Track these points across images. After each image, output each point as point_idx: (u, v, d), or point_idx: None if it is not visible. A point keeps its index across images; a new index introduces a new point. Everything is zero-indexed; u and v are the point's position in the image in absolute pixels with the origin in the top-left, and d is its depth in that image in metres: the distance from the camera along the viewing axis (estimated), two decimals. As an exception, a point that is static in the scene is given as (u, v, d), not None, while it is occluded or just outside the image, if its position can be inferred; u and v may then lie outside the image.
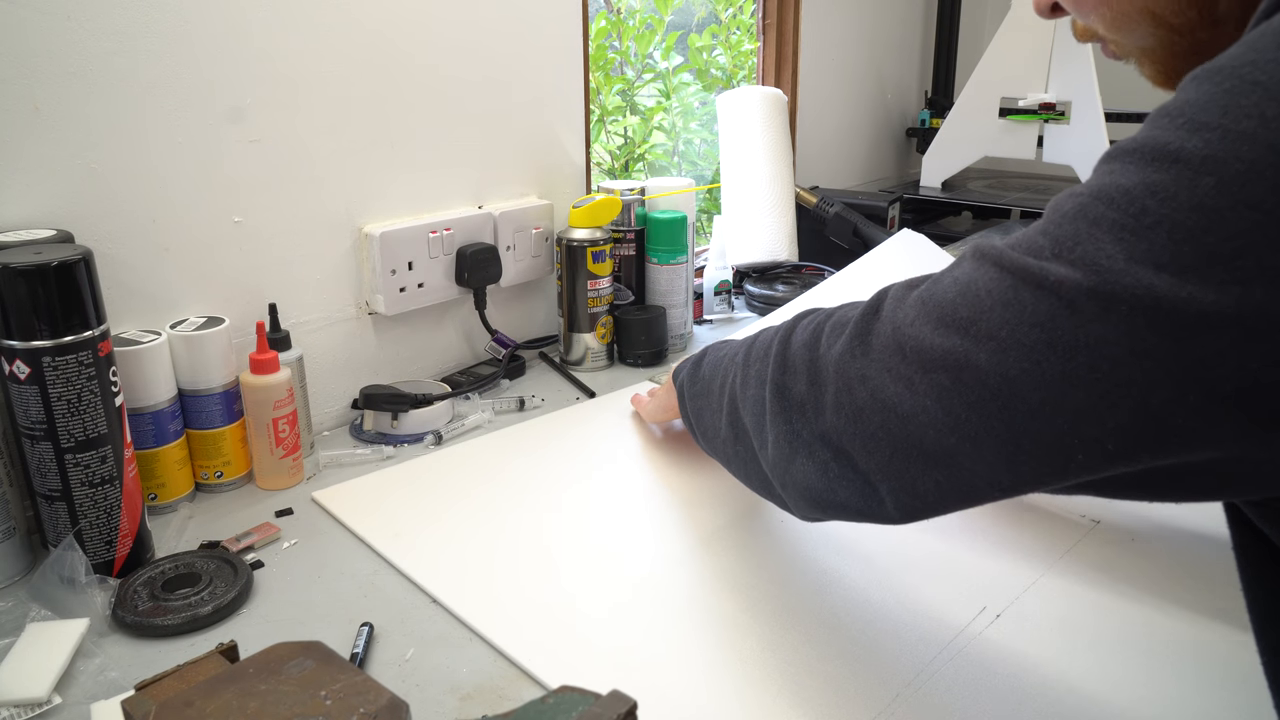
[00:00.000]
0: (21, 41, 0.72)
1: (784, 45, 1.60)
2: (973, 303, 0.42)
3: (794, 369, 0.55)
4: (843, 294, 1.17)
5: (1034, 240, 0.40)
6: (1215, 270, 0.33)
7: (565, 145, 1.19)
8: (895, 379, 0.46)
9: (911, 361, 0.45)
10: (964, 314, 0.42)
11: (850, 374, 0.49)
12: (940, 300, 0.44)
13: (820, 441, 0.51)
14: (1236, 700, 0.57)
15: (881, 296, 0.50)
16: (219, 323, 0.83)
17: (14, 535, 0.70)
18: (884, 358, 0.47)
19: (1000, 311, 0.40)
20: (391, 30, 0.96)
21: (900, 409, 0.45)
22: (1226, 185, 0.33)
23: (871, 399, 0.47)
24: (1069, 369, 0.38)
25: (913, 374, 0.44)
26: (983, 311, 0.41)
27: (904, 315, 0.46)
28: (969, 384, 0.42)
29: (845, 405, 0.49)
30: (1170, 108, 0.37)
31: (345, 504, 0.81)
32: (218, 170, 0.86)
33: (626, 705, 0.44)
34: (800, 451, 0.53)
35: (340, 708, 0.44)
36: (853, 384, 0.48)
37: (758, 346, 0.61)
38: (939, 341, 0.43)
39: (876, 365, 0.47)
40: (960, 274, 0.44)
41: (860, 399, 0.48)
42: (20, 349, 0.64)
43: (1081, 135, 1.42)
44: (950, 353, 0.42)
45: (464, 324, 1.13)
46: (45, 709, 0.57)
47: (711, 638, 0.63)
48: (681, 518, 0.79)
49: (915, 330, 0.45)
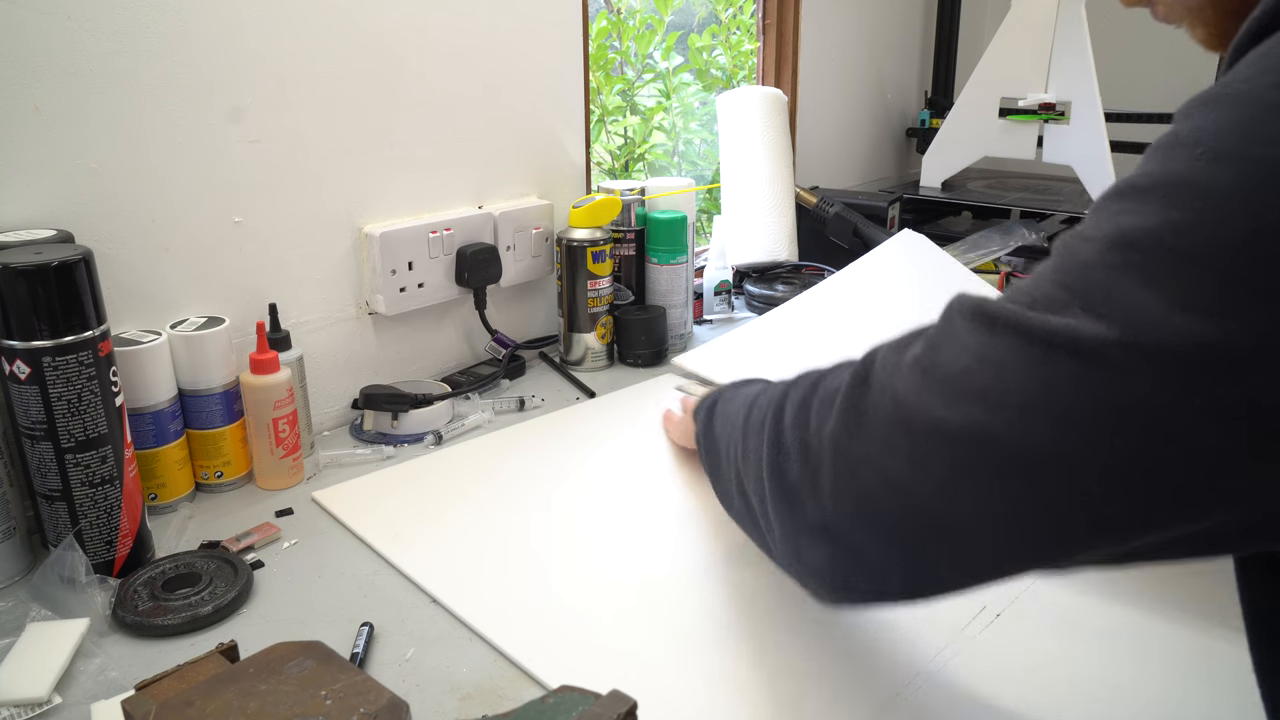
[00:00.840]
0: (21, 41, 0.72)
1: (784, 45, 1.60)
2: (990, 370, 0.38)
3: (786, 450, 0.50)
4: (843, 294, 1.17)
5: (1050, 294, 0.37)
6: (1266, 308, 0.31)
7: (565, 145, 1.19)
8: (905, 459, 0.41)
9: (922, 439, 0.40)
10: (980, 383, 0.38)
11: (850, 456, 0.44)
12: (948, 369, 0.40)
13: (823, 530, 0.47)
14: (1236, 700, 0.57)
15: (868, 364, 0.46)
16: (219, 323, 0.83)
17: (14, 535, 0.70)
18: (887, 436, 0.42)
19: (1024, 377, 0.37)
20: (392, 30, 0.96)
21: (914, 492, 0.41)
22: (1264, 216, 0.31)
23: (880, 482, 0.42)
24: (1112, 431, 0.34)
25: (925, 452, 0.40)
26: (1003, 379, 0.37)
27: (904, 387, 0.42)
28: (993, 459, 0.38)
29: (847, 491, 0.45)
30: (1182, 137, 0.35)
31: (345, 504, 0.81)
32: (218, 170, 0.86)
33: (626, 705, 0.44)
34: (804, 539, 0.48)
35: (340, 708, 0.44)
36: (855, 467, 0.44)
37: (755, 415, 0.57)
38: (953, 415, 0.39)
39: (879, 445, 0.43)
40: (968, 340, 0.40)
41: (865, 483, 0.43)
42: (20, 349, 0.64)
43: (1081, 135, 1.42)
44: (968, 427, 0.38)
45: (464, 324, 1.13)
46: (45, 709, 0.57)
47: (711, 637, 0.63)
48: (682, 518, 0.79)
49: (922, 403, 0.41)
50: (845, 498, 0.45)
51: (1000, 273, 1.28)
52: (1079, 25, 1.38)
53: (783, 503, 0.50)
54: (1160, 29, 0.56)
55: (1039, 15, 1.43)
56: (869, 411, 0.44)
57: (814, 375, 0.52)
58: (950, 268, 1.18)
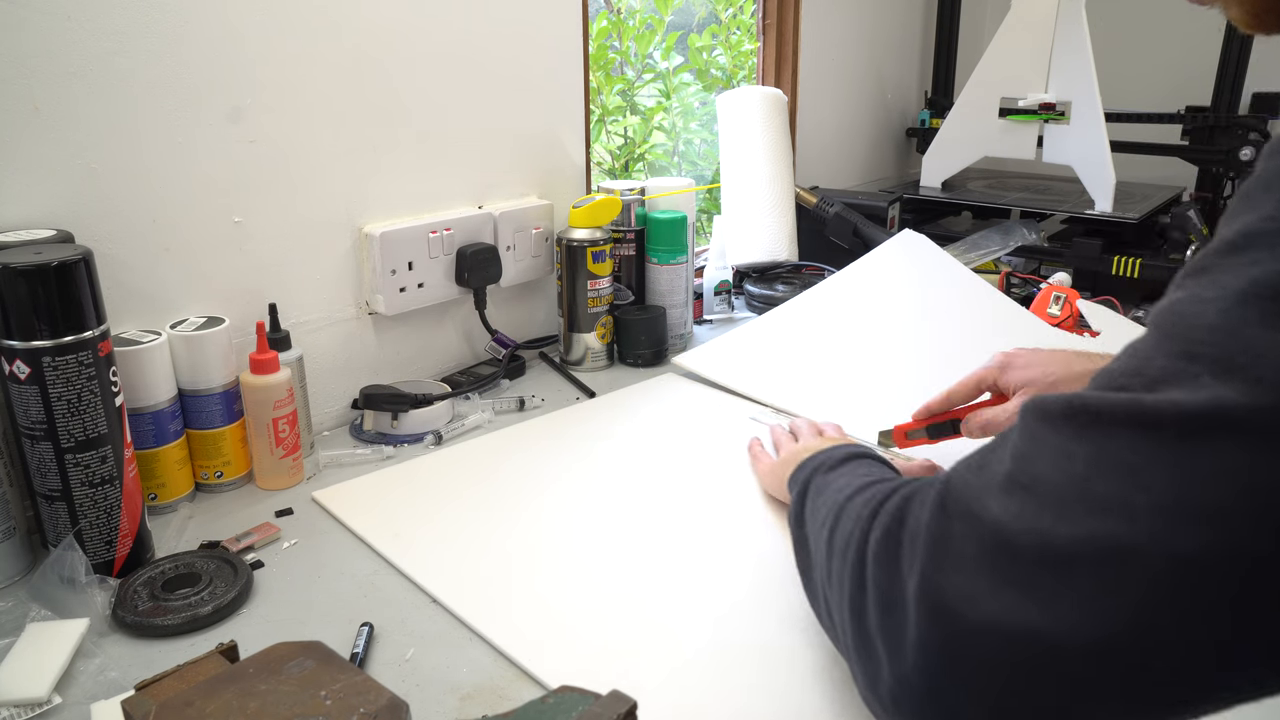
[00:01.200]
0: (21, 41, 0.72)
1: (784, 45, 1.60)
2: (1112, 474, 0.33)
3: (867, 589, 0.45)
4: (843, 294, 1.17)
5: (1168, 368, 0.33)
6: None
7: (565, 145, 1.19)
8: (1013, 589, 0.35)
9: (1031, 564, 0.35)
10: (1103, 491, 0.34)
11: (943, 598, 0.38)
12: (1054, 482, 0.35)
13: (905, 685, 0.40)
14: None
15: (941, 491, 0.41)
16: (219, 323, 0.83)
17: (14, 535, 0.70)
18: (990, 569, 0.37)
19: (1163, 472, 0.32)
20: (392, 30, 0.96)
21: (1026, 629, 0.35)
22: None
23: (985, 622, 0.36)
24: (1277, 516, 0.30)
25: (1042, 580, 0.35)
26: (1135, 480, 0.33)
27: (1000, 511, 0.37)
28: (1133, 578, 0.32)
29: (932, 642, 0.38)
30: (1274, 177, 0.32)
31: (345, 504, 0.81)
32: (218, 170, 0.86)
33: (626, 705, 0.44)
34: (884, 689, 0.42)
35: (340, 708, 0.44)
36: (949, 606, 0.38)
37: (840, 534, 0.51)
38: (1077, 532, 0.34)
39: (982, 579, 0.37)
40: (1071, 446, 0.35)
41: (957, 627, 0.37)
42: (20, 349, 0.64)
43: (1081, 135, 1.42)
44: (1098, 544, 0.33)
45: (464, 324, 1.13)
46: (45, 709, 0.57)
47: (712, 637, 0.63)
48: (682, 518, 0.79)
49: (1030, 526, 0.36)
50: (930, 650, 0.39)
51: (1000, 273, 1.28)
52: (1079, 25, 1.38)
53: (863, 650, 0.44)
54: (1160, 29, 0.55)
55: (1039, 15, 1.43)
56: (954, 542, 0.39)
57: (899, 498, 0.46)
58: (950, 268, 1.18)
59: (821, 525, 0.55)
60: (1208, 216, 1.55)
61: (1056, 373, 0.73)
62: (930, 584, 0.39)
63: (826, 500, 0.57)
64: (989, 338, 1.08)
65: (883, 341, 1.09)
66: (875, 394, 1.00)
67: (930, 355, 1.06)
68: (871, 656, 0.43)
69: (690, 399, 1.05)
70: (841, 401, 1.00)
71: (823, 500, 0.58)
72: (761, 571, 0.71)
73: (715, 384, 1.08)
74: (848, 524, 0.50)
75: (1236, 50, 1.57)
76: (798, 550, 0.60)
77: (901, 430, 0.85)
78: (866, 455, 0.65)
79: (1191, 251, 1.29)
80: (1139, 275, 1.31)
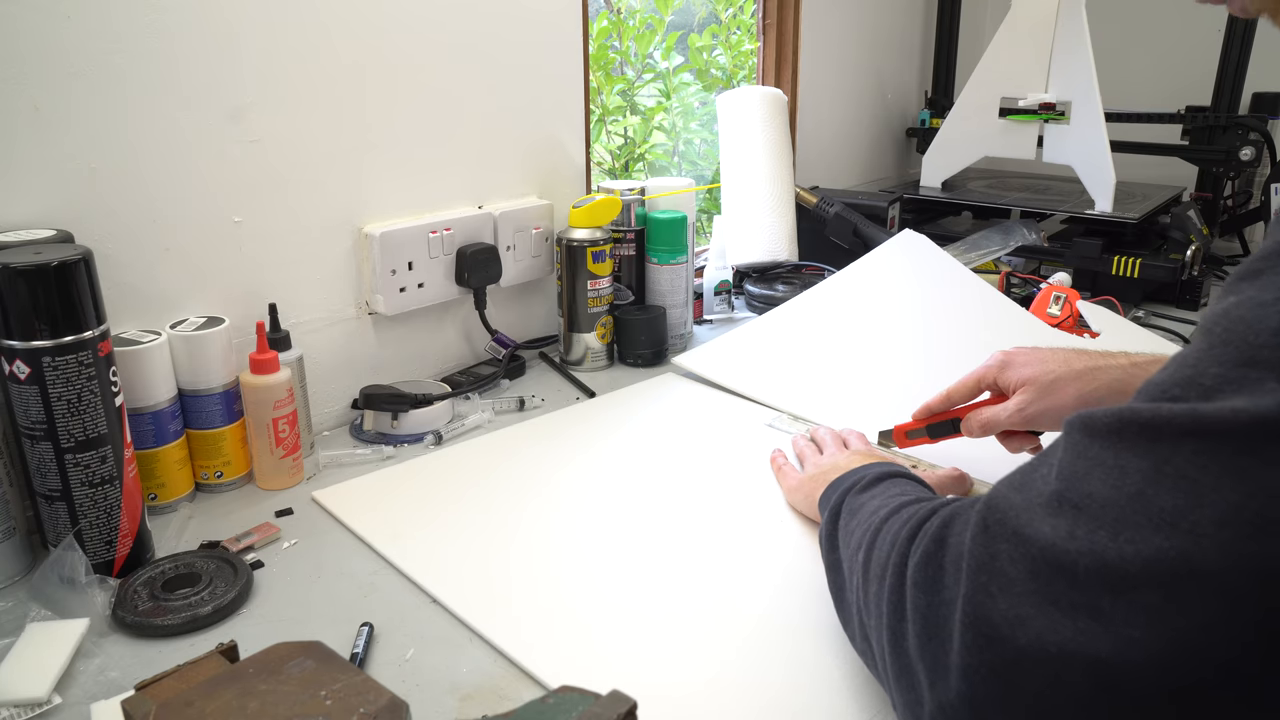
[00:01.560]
0: (21, 41, 0.72)
1: (784, 45, 1.60)
2: (1171, 488, 0.32)
3: (907, 614, 0.43)
4: (843, 294, 1.17)
5: (1227, 376, 0.32)
6: None
7: (565, 145, 1.19)
8: (1066, 611, 0.34)
9: (1088, 586, 0.34)
10: (1160, 506, 0.32)
11: (990, 622, 0.37)
12: (1108, 499, 0.34)
13: (944, 714, 0.39)
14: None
15: (984, 512, 0.40)
16: (219, 323, 0.83)
17: (14, 535, 0.70)
18: (1038, 585, 0.35)
19: (1228, 483, 0.31)
20: (392, 30, 0.96)
21: (1083, 652, 0.33)
22: None
23: (1035, 646, 0.35)
24: None
25: (1101, 601, 0.33)
26: (1197, 494, 0.31)
27: (1051, 530, 0.36)
28: (1198, 595, 0.31)
29: (978, 667, 0.37)
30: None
31: (345, 504, 0.81)
32: (218, 170, 0.86)
33: (626, 705, 0.44)
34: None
35: (340, 708, 0.44)
36: (997, 630, 0.36)
37: (877, 558, 0.49)
38: (1136, 550, 0.33)
39: (1031, 602, 0.35)
40: (1124, 461, 0.34)
41: (1005, 651, 0.36)
42: (20, 349, 0.64)
43: (1081, 135, 1.42)
44: (1158, 559, 0.32)
45: (464, 324, 1.13)
46: (45, 709, 0.57)
47: (712, 637, 0.63)
48: (682, 518, 0.79)
49: (1086, 545, 0.34)
50: (978, 675, 0.37)
51: (1000, 273, 1.28)
52: (1079, 25, 1.38)
53: (904, 678, 0.43)
54: (1160, 29, 0.55)
55: (1039, 15, 1.43)
56: (1005, 567, 0.37)
57: (939, 520, 0.44)
58: (950, 268, 1.18)
59: (857, 549, 0.54)
60: (1208, 216, 1.55)
61: (1056, 370, 0.73)
62: (976, 607, 0.38)
63: (860, 522, 0.56)
64: (989, 338, 1.08)
65: (882, 341, 1.09)
66: (875, 394, 1.00)
67: (930, 355, 1.06)
68: (913, 685, 0.42)
69: (690, 399, 1.05)
70: (841, 401, 1.00)
71: (856, 522, 0.57)
72: (761, 571, 0.71)
73: (715, 384, 1.08)
74: (884, 547, 0.49)
75: (1236, 50, 1.56)
76: (830, 574, 0.59)
77: (901, 430, 0.85)
78: (899, 474, 0.64)
79: (1192, 251, 1.30)
80: (1139, 275, 1.31)
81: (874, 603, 0.48)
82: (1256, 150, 1.55)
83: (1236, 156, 1.56)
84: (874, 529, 0.52)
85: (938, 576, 0.41)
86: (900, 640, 0.43)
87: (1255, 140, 1.55)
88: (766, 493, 0.83)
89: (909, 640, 0.42)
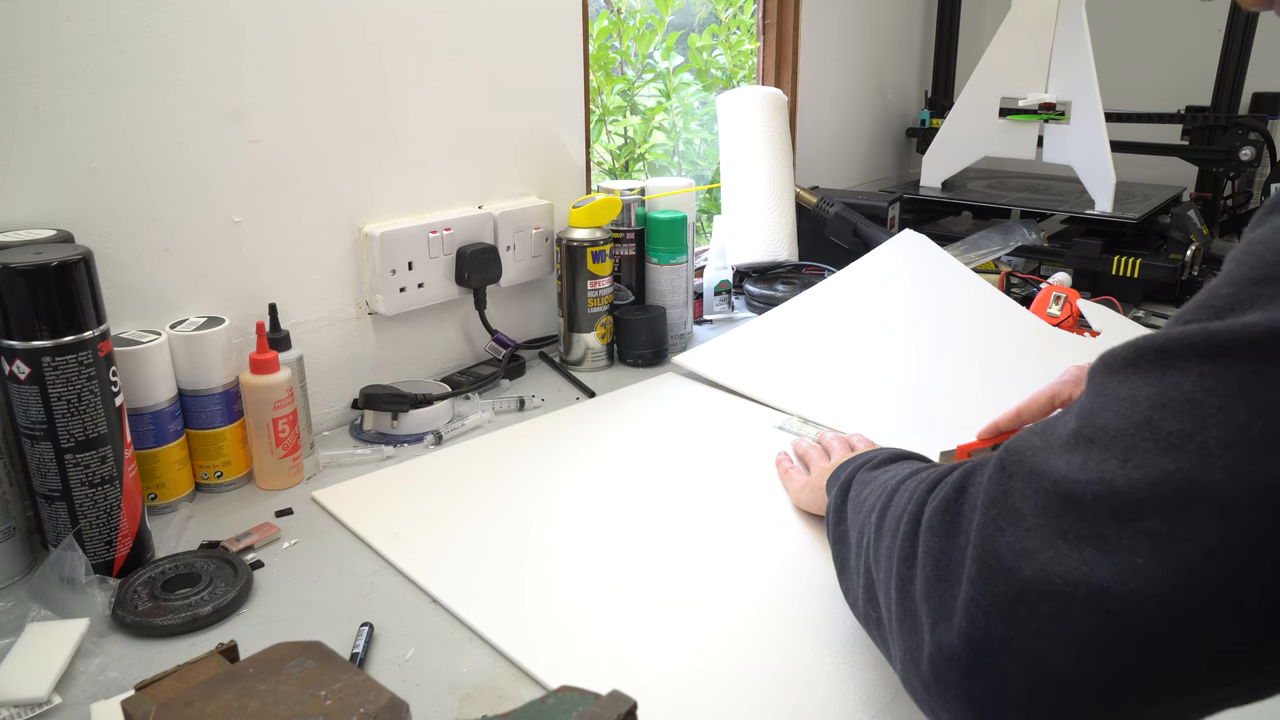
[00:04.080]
0: (21, 41, 0.72)
1: (784, 45, 1.60)
2: (1179, 411, 0.31)
3: (918, 560, 0.42)
4: (843, 294, 1.17)
5: (1238, 295, 0.31)
6: None
7: (565, 145, 1.19)
8: (1073, 542, 0.33)
9: (1095, 514, 0.33)
10: (1169, 429, 0.32)
11: (996, 555, 0.36)
12: (1120, 428, 0.33)
13: (943, 655, 0.38)
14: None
15: (1002, 455, 0.39)
16: (219, 323, 0.83)
17: (14, 535, 0.70)
18: (1048, 519, 0.35)
19: (1238, 400, 0.30)
20: (392, 30, 0.96)
21: (1086, 580, 0.33)
22: None
23: (1039, 578, 0.34)
24: None
25: (1107, 529, 0.33)
26: (1204, 414, 0.31)
27: (1065, 465, 0.35)
28: (1203, 518, 0.30)
29: (981, 602, 0.36)
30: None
31: (345, 504, 0.81)
32: (218, 170, 0.86)
33: (626, 705, 0.44)
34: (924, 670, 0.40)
35: (340, 708, 0.44)
36: (1002, 563, 0.35)
37: (893, 512, 0.48)
38: (1142, 474, 0.32)
39: (1039, 533, 0.35)
40: (1137, 391, 0.33)
41: (1009, 585, 0.35)
42: (20, 349, 0.64)
43: (1081, 135, 1.42)
44: (1163, 482, 0.31)
45: (464, 324, 1.13)
46: (45, 709, 0.57)
47: (712, 637, 0.63)
48: (682, 518, 0.79)
49: (1093, 475, 0.34)
50: (981, 610, 0.36)
51: (1000, 273, 1.28)
52: (1079, 25, 1.38)
53: (905, 621, 0.42)
54: (1160, 29, 0.55)
55: (1039, 15, 1.43)
56: (1017, 503, 0.36)
57: (959, 473, 0.43)
58: (950, 268, 1.18)
59: (869, 512, 0.52)
60: (1208, 216, 1.55)
61: None
62: (985, 540, 0.37)
63: (874, 490, 0.55)
64: (989, 338, 1.08)
65: (882, 341, 1.09)
66: (875, 394, 1.00)
67: (930, 355, 1.06)
68: (914, 629, 0.41)
69: (690, 399, 1.05)
70: (841, 401, 1.00)
71: (869, 490, 0.56)
72: (761, 571, 0.71)
73: (715, 384, 1.08)
74: (901, 503, 0.47)
75: (1236, 50, 1.56)
76: (835, 546, 0.58)
77: (965, 450, 0.80)
78: (913, 455, 0.63)
79: (1192, 251, 1.30)
80: (1139, 275, 1.31)
81: (884, 556, 0.46)
82: (1256, 150, 1.55)
83: (1236, 156, 1.56)
84: (891, 490, 0.51)
85: (954, 521, 0.40)
86: (908, 586, 0.42)
87: (1255, 140, 1.55)
88: (767, 493, 0.83)
89: (916, 585, 0.41)
